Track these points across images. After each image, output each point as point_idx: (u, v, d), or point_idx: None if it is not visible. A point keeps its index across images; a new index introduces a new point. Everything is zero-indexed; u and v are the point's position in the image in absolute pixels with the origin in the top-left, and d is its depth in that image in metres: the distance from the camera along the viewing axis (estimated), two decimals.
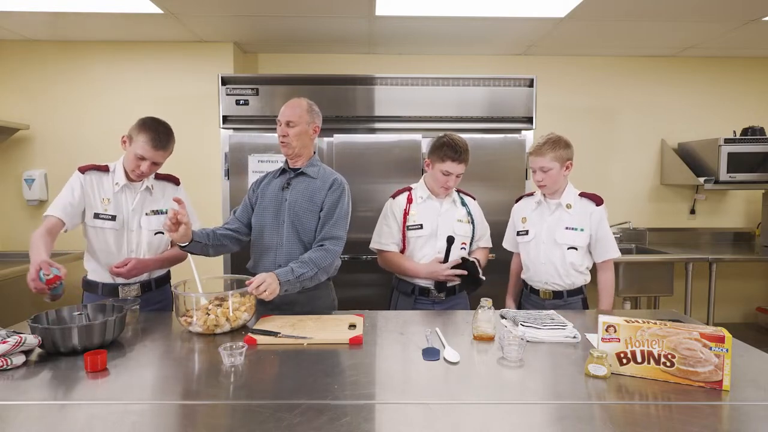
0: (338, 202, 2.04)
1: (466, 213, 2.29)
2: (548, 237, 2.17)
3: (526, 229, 2.24)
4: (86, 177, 2.06)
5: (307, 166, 2.09)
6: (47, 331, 1.51)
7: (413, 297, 2.25)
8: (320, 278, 2.00)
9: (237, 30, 3.38)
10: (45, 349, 1.54)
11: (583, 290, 2.21)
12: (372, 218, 2.43)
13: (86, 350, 1.49)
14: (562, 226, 2.15)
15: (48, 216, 1.99)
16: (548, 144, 2.12)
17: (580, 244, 2.14)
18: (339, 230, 2.04)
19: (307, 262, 1.93)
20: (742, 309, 4.14)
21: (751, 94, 4.03)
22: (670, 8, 2.93)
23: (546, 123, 3.71)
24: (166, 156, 2.07)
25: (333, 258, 2.00)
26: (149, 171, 2.05)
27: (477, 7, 2.93)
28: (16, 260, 3.24)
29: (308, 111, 2.06)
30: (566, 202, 2.17)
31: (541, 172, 2.13)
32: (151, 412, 1.19)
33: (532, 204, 2.27)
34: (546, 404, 1.24)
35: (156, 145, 1.99)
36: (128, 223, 2.07)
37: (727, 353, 1.29)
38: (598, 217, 2.15)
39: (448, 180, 2.18)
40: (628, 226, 3.96)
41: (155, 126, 2.02)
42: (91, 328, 1.55)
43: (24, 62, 3.60)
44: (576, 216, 2.15)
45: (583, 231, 2.14)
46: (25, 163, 3.65)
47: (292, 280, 1.87)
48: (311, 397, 1.24)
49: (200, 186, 3.53)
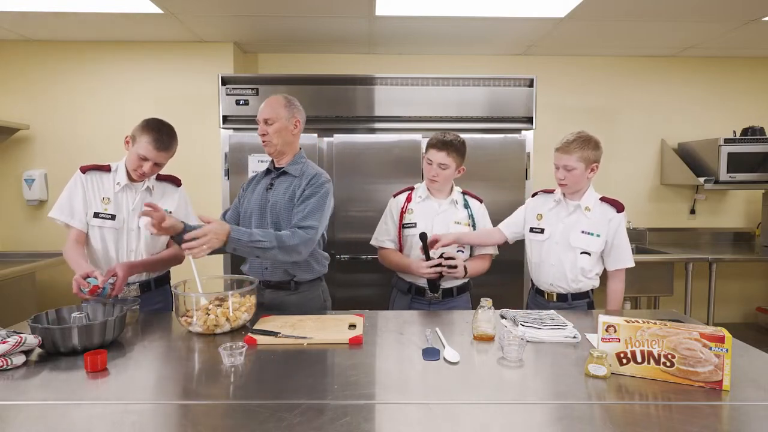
0: (314, 194, 1.96)
1: (467, 215, 2.27)
2: (562, 238, 2.09)
3: (542, 228, 2.15)
4: (87, 177, 2.08)
5: (290, 164, 2.06)
6: (47, 331, 1.51)
7: (410, 296, 2.25)
8: (278, 257, 1.86)
9: (237, 30, 3.38)
10: (45, 349, 1.54)
11: (589, 294, 2.17)
12: (372, 218, 2.44)
13: (86, 350, 1.49)
14: (579, 229, 2.08)
15: (69, 227, 2.05)
16: (577, 142, 2.02)
17: (594, 249, 2.07)
18: (312, 220, 1.92)
19: (270, 234, 1.83)
20: (742, 309, 4.14)
21: (751, 94, 4.03)
22: (670, 8, 2.93)
23: (546, 123, 3.72)
24: (169, 157, 2.08)
25: (300, 242, 1.86)
26: (151, 171, 2.05)
27: (477, 7, 2.93)
28: (16, 260, 3.24)
29: (286, 106, 2.03)
30: (585, 205, 2.09)
31: (564, 170, 2.04)
32: (151, 412, 1.19)
33: (550, 202, 2.18)
34: (546, 404, 1.24)
35: (158, 146, 2.00)
36: (128, 222, 2.08)
37: (727, 353, 1.29)
38: (616, 224, 2.07)
39: (431, 169, 2.16)
40: (628, 226, 3.94)
41: (158, 127, 2.02)
42: (91, 328, 1.55)
43: (24, 62, 3.61)
44: (594, 220, 2.07)
45: (599, 237, 2.06)
46: (25, 163, 3.65)
47: (243, 240, 1.77)
48: (311, 397, 1.24)
49: (200, 186, 3.54)
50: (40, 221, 3.67)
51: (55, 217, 2.04)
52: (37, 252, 3.41)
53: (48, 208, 3.56)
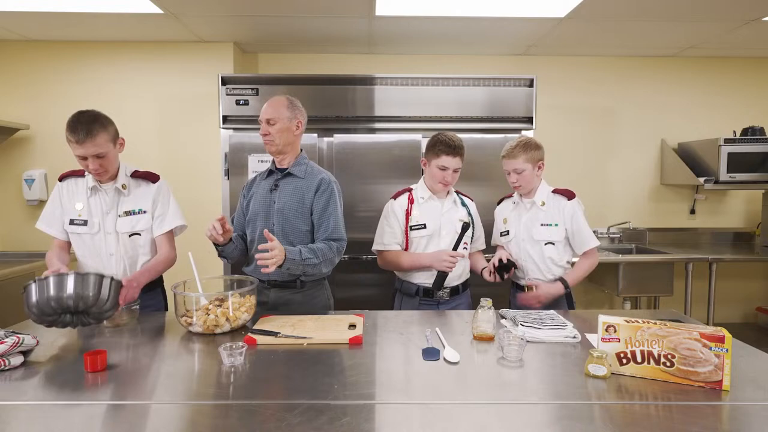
0: (328, 204, 2.04)
1: (467, 213, 2.32)
2: (526, 234, 2.25)
3: (507, 230, 2.33)
4: (63, 184, 2.07)
5: (294, 165, 2.08)
6: (42, 282, 1.50)
7: (417, 298, 2.25)
8: (321, 270, 2.00)
9: (237, 30, 3.38)
10: (40, 311, 1.54)
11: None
12: (372, 218, 2.43)
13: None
14: (537, 223, 2.24)
15: (54, 238, 2.07)
16: (520, 147, 2.20)
17: (556, 239, 2.21)
18: (340, 232, 2.06)
19: (315, 251, 1.95)
20: (742, 309, 4.14)
21: (751, 94, 4.03)
22: (670, 8, 2.93)
23: (546, 123, 3.73)
24: (101, 144, 1.89)
25: (336, 255, 2.03)
26: (101, 167, 1.92)
27: (477, 7, 2.93)
28: (16, 260, 3.24)
29: (288, 107, 2.04)
30: (540, 200, 2.25)
31: (515, 173, 2.22)
32: (151, 412, 1.19)
33: (510, 205, 2.37)
34: (546, 404, 1.23)
35: (78, 138, 1.85)
36: (103, 226, 2.02)
37: (727, 353, 1.29)
38: (570, 211, 2.21)
39: (446, 175, 2.19)
40: (628, 226, 3.96)
41: (73, 121, 1.88)
42: (87, 278, 1.55)
43: (24, 62, 3.60)
44: (549, 212, 2.23)
45: (557, 226, 2.21)
46: (25, 163, 3.65)
47: (297, 260, 1.89)
48: (311, 397, 1.24)
49: (200, 186, 3.55)
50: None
51: (40, 228, 2.06)
52: (37, 252, 3.40)
53: None
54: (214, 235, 1.92)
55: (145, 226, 2.06)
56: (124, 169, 2.06)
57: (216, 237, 1.92)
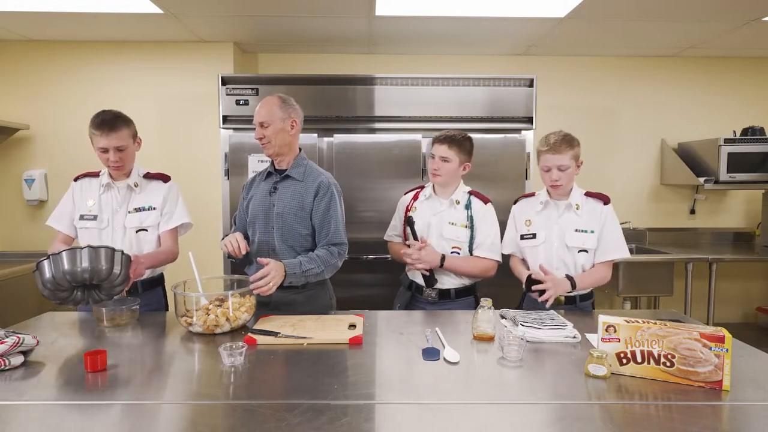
0: (329, 208, 2.03)
1: (466, 217, 2.21)
2: (558, 240, 2.06)
3: (533, 233, 2.11)
4: (77, 184, 2.16)
5: (293, 167, 2.07)
6: (56, 257, 1.53)
7: (410, 293, 2.28)
8: (324, 276, 2.02)
9: (237, 30, 3.38)
10: (55, 286, 1.58)
11: (593, 294, 2.16)
12: (372, 218, 2.44)
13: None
14: (572, 228, 2.05)
15: (58, 232, 2.14)
16: (566, 141, 2.01)
17: (590, 246, 2.04)
18: (341, 236, 2.06)
19: (315, 259, 1.96)
20: (742, 309, 4.14)
21: (751, 94, 4.03)
22: (670, 8, 2.93)
23: (546, 123, 3.71)
24: (123, 137, 2.03)
25: (338, 259, 2.04)
26: (120, 160, 2.04)
27: (477, 7, 2.93)
28: (16, 260, 3.24)
29: (281, 107, 2.01)
30: (575, 203, 2.08)
31: (558, 170, 2.00)
32: (151, 412, 1.19)
33: (536, 205, 2.14)
34: (546, 404, 1.23)
35: (103, 129, 1.99)
36: (112, 221, 2.09)
37: (727, 353, 1.29)
38: (604, 217, 2.05)
39: (433, 163, 2.19)
40: (628, 226, 3.95)
41: (99, 114, 2.04)
42: (99, 252, 1.58)
43: (24, 62, 3.60)
44: (585, 217, 2.06)
45: (593, 233, 2.04)
46: (25, 163, 3.65)
47: (298, 273, 1.91)
48: (311, 397, 1.24)
49: (200, 186, 3.55)
50: (40, 221, 3.66)
51: (50, 225, 2.15)
52: (37, 252, 3.39)
53: (48, 207, 3.57)
54: (235, 251, 1.95)
55: (153, 222, 2.12)
56: (137, 169, 2.17)
57: (235, 251, 1.96)
